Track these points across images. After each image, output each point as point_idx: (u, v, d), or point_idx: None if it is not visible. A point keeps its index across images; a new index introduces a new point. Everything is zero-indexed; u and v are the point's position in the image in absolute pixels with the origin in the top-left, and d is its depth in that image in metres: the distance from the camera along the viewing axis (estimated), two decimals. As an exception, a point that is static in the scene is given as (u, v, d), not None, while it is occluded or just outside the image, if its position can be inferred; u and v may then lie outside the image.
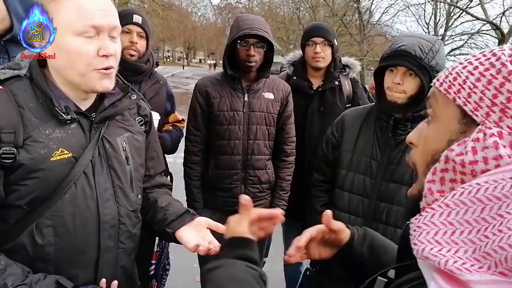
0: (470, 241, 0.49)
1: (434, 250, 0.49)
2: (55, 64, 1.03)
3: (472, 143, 0.55)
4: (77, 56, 0.98)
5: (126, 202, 1.14)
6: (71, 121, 1.04)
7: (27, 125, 0.98)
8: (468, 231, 0.49)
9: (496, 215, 0.48)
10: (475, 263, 0.46)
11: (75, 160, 1.03)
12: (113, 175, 1.11)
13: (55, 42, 0.98)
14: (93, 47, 0.99)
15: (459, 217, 0.51)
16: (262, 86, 2.13)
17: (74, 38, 0.97)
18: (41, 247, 1.00)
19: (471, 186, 0.52)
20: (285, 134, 2.20)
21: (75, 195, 1.03)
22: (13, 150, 0.95)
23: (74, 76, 1.02)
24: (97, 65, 1.00)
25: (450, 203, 0.53)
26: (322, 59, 2.31)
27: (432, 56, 1.47)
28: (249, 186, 2.12)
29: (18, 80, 1.02)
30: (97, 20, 0.97)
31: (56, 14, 0.97)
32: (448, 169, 0.57)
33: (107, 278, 1.09)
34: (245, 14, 2.40)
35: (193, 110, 2.15)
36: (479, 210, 0.50)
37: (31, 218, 1.00)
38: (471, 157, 0.54)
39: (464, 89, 0.58)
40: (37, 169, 0.98)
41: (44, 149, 0.99)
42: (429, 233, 0.52)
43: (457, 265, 0.47)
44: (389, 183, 1.61)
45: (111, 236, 1.10)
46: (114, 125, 1.15)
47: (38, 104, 1.01)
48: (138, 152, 1.21)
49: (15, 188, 0.98)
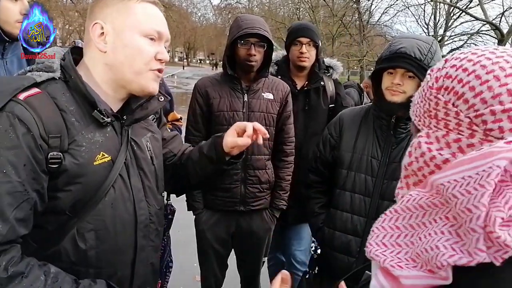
0: (411, 243, 0.57)
1: (379, 251, 0.58)
2: (110, 59, 1.03)
3: (409, 148, 0.64)
4: (139, 54, 1.02)
5: (154, 201, 1.17)
6: (108, 124, 1.04)
7: (71, 129, 0.97)
8: (411, 234, 0.57)
9: (432, 220, 0.55)
10: (410, 263, 0.55)
11: (113, 163, 1.04)
12: (143, 176, 1.13)
13: (119, 39, 1.01)
14: (154, 50, 1.04)
15: (405, 221, 0.59)
16: (262, 86, 2.14)
17: (140, 37, 1.02)
18: (84, 252, 1.00)
19: (417, 193, 0.58)
20: (284, 134, 2.20)
21: (115, 198, 1.04)
22: (60, 155, 0.94)
23: (129, 73, 1.03)
24: (154, 66, 1.05)
25: (398, 209, 0.60)
26: (307, 59, 2.32)
27: (431, 57, 1.48)
28: (249, 186, 2.12)
29: (54, 83, 1.00)
30: (161, 27, 1.06)
31: (125, 14, 1.02)
32: (409, 174, 0.64)
33: (141, 276, 1.13)
34: (245, 14, 2.41)
35: (193, 111, 2.15)
36: (421, 215, 0.57)
37: (72, 223, 0.98)
38: (407, 160, 0.63)
39: (414, 106, 0.67)
40: (81, 174, 0.97)
41: (88, 154, 0.98)
42: (379, 236, 0.60)
43: (393, 263, 0.55)
44: (390, 181, 1.62)
45: (145, 236, 1.13)
46: (138, 126, 1.17)
47: (78, 107, 1.00)
48: (160, 150, 1.25)
49: (59, 195, 0.96)
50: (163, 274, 2.14)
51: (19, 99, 0.92)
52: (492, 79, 0.55)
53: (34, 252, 0.96)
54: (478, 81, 0.56)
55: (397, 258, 0.56)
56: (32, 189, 0.91)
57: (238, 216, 2.17)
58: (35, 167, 0.91)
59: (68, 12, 24.64)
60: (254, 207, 2.16)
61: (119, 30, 1.01)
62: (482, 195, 0.48)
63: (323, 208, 1.83)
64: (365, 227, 1.64)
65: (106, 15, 1.02)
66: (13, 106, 0.90)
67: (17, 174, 0.88)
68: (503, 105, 0.54)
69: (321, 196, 1.86)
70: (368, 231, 1.87)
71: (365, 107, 1.80)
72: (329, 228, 1.75)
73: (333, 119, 1.86)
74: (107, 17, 1.02)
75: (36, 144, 0.91)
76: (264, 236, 2.27)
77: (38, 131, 0.91)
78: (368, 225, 1.64)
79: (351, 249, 1.67)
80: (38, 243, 0.98)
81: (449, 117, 0.59)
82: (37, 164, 0.91)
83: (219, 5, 35.68)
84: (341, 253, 1.69)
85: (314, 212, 1.85)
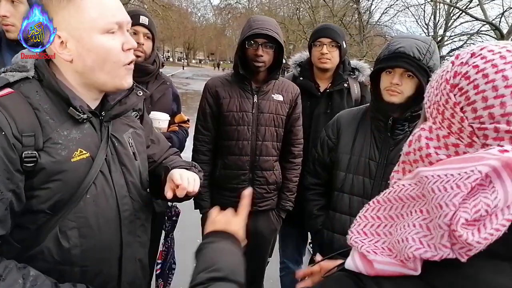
0: (389, 233, 0.60)
1: (358, 239, 0.62)
2: (79, 67, 1.00)
3: (410, 137, 0.64)
4: (107, 54, 0.99)
5: (139, 197, 1.16)
6: (85, 120, 1.03)
7: (45, 127, 0.96)
8: (390, 225, 0.60)
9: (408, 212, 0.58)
10: (385, 251, 0.58)
11: (92, 160, 1.03)
12: (125, 172, 1.13)
13: (80, 44, 0.97)
14: (118, 43, 1.00)
15: (386, 212, 0.62)
16: (272, 87, 2.13)
17: (100, 36, 0.97)
18: (67, 250, 0.99)
19: (398, 186, 0.61)
20: (293, 136, 2.20)
21: (96, 194, 1.03)
22: (35, 154, 0.93)
23: (102, 76, 1.01)
24: (124, 60, 1.02)
25: (380, 200, 0.63)
26: (329, 60, 2.26)
27: (430, 57, 1.48)
28: (257, 186, 2.13)
29: (28, 82, 0.99)
30: (119, 16, 1.00)
31: (77, 16, 0.96)
32: (405, 161, 0.66)
33: (129, 272, 1.13)
34: (257, 15, 2.39)
35: (203, 110, 2.16)
36: (400, 207, 0.60)
37: (53, 222, 0.98)
38: (406, 149, 0.64)
39: (428, 93, 0.66)
40: (59, 171, 0.96)
41: (64, 151, 0.98)
42: (360, 225, 0.64)
43: (369, 249, 0.59)
44: (388, 183, 1.61)
45: (130, 232, 1.12)
46: (119, 122, 1.16)
47: (52, 105, 0.99)
48: (142, 146, 1.23)
49: (37, 193, 0.95)
50: (166, 276, 2.14)
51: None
52: (509, 95, 0.53)
53: (18, 253, 0.95)
54: (494, 93, 0.54)
55: (374, 246, 0.60)
56: (7, 189, 0.90)
57: None
58: (8, 166, 0.90)
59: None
60: (261, 208, 2.17)
61: (77, 35, 0.96)
62: (455, 195, 0.50)
63: (322, 210, 1.82)
64: (364, 228, 1.64)
65: (59, 22, 0.96)
66: None
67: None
68: (510, 125, 0.53)
69: (319, 198, 1.85)
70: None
71: (362, 108, 1.79)
72: (328, 230, 1.74)
73: (330, 121, 1.85)
74: (60, 24, 0.96)
75: (8, 143, 0.90)
76: (269, 237, 2.27)
77: (10, 130, 0.90)
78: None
79: (350, 251, 1.66)
80: (20, 243, 0.97)
81: (454, 120, 0.58)
82: (11, 163, 0.90)
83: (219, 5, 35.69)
84: (341, 255, 1.69)
85: (313, 214, 1.84)
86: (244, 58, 2.07)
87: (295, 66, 2.46)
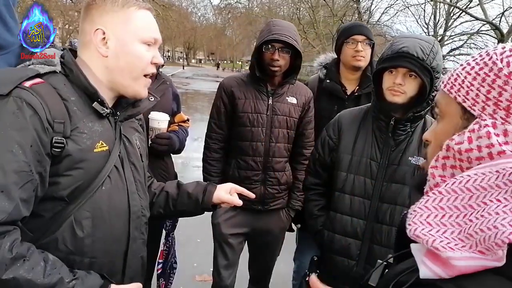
0: (457, 224, 0.57)
1: (424, 230, 0.58)
2: (111, 64, 1.08)
3: (468, 133, 0.63)
4: (139, 61, 1.10)
5: (144, 196, 1.23)
6: (108, 115, 1.10)
7: (73, 116, 1.02)
8: (456, 215, 0.57)
9: (480, 203, 0.56)
10: (459, 243, 0.54)
11: (109, 153, 1.09)
12: (134, 170, 1.19)
13: (121, 45, 1.07)
14: (150, 55, 1.12)
15: (450, 203, 0.59)
16: (287, 90, 2.15)
17: (139, 44, 1.09)
18: (81, 240, 1.03)
19: (462, 177, 0.59)
20: (305, 139, 2.22)
21: (111, 187, 1.08)
22: (63, 140, 0.98)
23: (127, 78, 1.10)
24: (148, 70, 1.12)
25: (443, 191, 0.61)
26: (363, 58, 2.19)
27: (433, 57, 1.47)
28: (269, 187, 2.15)
29: (55, 75, 1.04)
30: (157, 33, 1.14)
31: (126, 22, 1.07)
32: (449, 156, 0.65)
33: (133, 268, 1.18)
34: (277, 19, 2.37)
35: (217, 108, 2.17)
36: (467, 198, 0.58)
37: (69, 211, 1.02)
38: (466, 146, 0.62)
39: (463, 88, 0.65)
40: (82, 159, 1.01)
41: (89, 140, 1.03)
42: (422, 215, 0.60)
43: (442, 244, 0.55)
44: (390, 183, 1.61)
45: (137, 227, 1.17)
46: (127, 125, 1.21)
47: (79, 97, 1.05)
48: (146, 152, 1.31)
49: (59, 180, 1.00)
50: (167, 275, 2.14)
51: (25, 86, 0.96)
52: None
53: (30, 241, 0.97)
54: None
55: (445, 238, 0.55)
56: (36, 171, 0.94)
57: (256, 215, 2.20)
58: (40, 149, 0.94)
59: (68, 12, 24.63)
60: (272, 207, 2.20)
61: (120, 37, 1.07)
62: None
63: (322, 210, 1.82)
64: (365, 229, 1.63)
65: (107, 22, 1.06)
66: (20, 92, 0.95)
67: (24, 154, 0.92)
68: None
69: (320, 198, 1.85)
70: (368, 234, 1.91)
71: (364, 108, 1.78)
72: (328, 231, 1.74)
73: (331, 121, 1.84)
74: (107, 23, 1.06)
75: (42, 126, 0.95)
76: (279, 235, 2.31)
77: (44, 115, 0.95)
78: (368, 227, 1.64)
79: (351, 252, 1.66)
80: (34, 232, 1.01)
81: None
82: (43, 146, 0.95)
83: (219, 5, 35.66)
84: (341, 256, 1.68)
85: (313, 214, 1.83)
86: (261, 61, 2.08)
87: (320, 68, 2.40)
